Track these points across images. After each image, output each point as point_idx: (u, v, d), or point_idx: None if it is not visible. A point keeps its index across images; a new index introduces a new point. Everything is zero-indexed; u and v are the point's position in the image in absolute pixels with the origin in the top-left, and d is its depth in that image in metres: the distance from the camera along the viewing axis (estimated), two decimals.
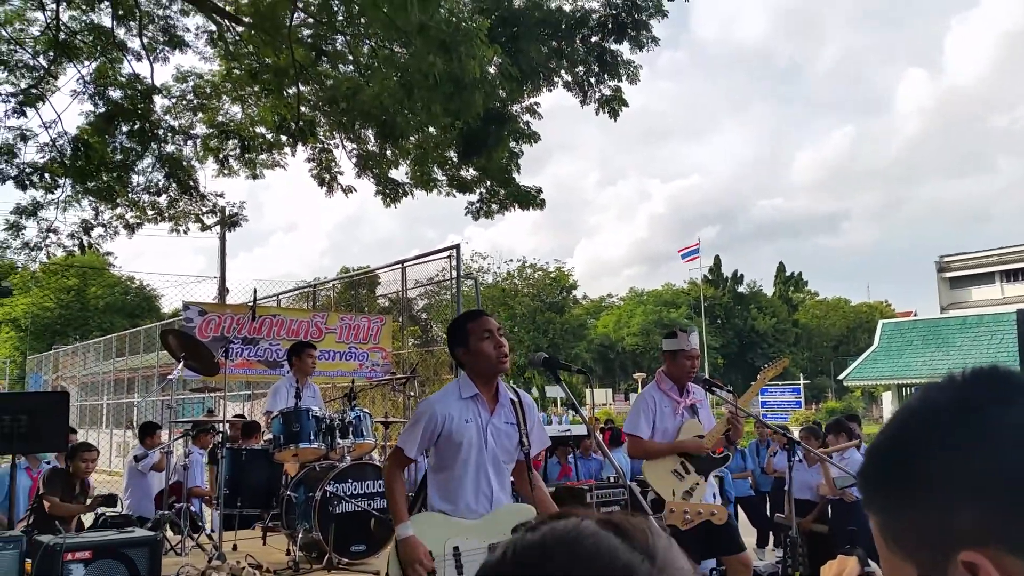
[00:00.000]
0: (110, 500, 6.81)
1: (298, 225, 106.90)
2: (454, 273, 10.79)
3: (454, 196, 10.29)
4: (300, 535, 5.71)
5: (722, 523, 3.70)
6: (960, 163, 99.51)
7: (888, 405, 32.77)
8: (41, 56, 9.46)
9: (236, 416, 9.82)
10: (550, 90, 9.09)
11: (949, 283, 42.96)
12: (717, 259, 61.11)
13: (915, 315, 39.28)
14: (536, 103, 9.52)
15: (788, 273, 64.72)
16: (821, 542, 6.43)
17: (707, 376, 5.02)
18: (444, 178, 10.25)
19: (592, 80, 8.86)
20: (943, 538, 0.71)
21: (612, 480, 7.84)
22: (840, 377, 35.31)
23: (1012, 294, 39.68)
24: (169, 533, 6.60)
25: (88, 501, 6.87)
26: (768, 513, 9.14)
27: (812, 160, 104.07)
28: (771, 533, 9.18)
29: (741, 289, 60.11)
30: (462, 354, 3.47)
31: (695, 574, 0.74)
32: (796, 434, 7.16)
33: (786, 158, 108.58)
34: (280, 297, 14.17)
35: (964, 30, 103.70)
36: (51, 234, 10.34)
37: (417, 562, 3.18)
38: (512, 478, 3.66)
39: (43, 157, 9.66)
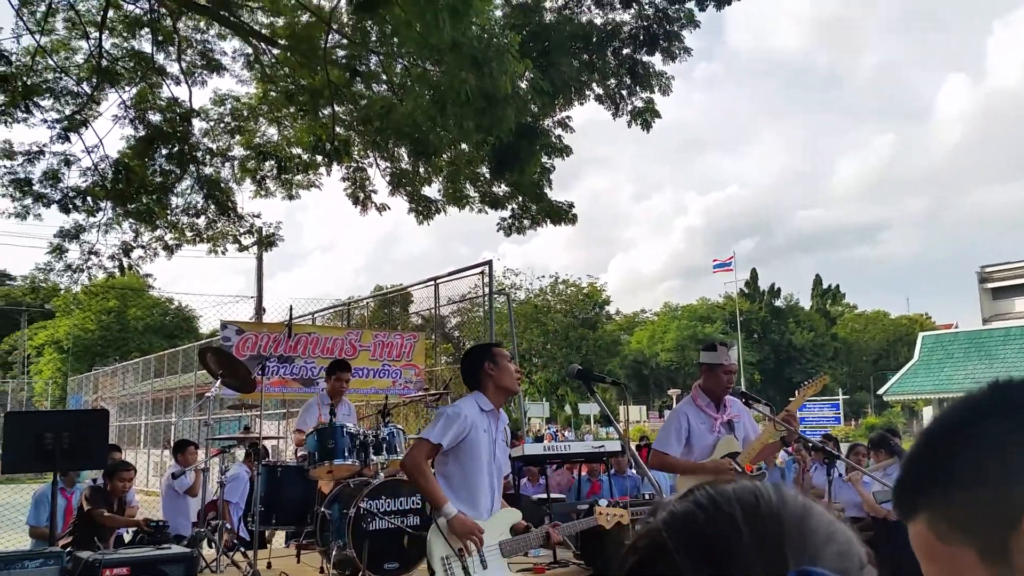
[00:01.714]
0: (159, 531, 6.73)
1: (335, 244, 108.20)
2: (486, 290, 10.80)
3: (486, 212, 10.31)
4: (334, 552, 5.70)
5: None
6: (1004, 169, 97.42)
7: (929, 420, 32.04)
8: (84, 83, 9.71)
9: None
10: (582, 104, 9.08)
11: (991, 294, 41.92)
12: (754, 272, 60.58)
13: (956, 327, 38.41)
14: (568, 117, 9.52)
15: (825, 286, 63.83)
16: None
17: (744, 390, 4.93)
18: (476, 194, 10.27)
19: (624, 92, 8.85)
20: (1006, 510, 0.72)
21: (650, 497, 7.72)
22: (880, 392, 34.61)
23: None
24: (206, 550, 6.63)
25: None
26: None
27: (852, 169, 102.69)
28: None
29: (778, 303, 59.39)
30: (489, 368, 3.85)
31: None
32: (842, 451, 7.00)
33: (825, 168, 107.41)
34: (315, 315, 14.30)
35: (1007, 33, 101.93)
36: (92, 256, 10.56)
37: (472, 532, 3.53)
38: None
39: (85, 181, 9.90)
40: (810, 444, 7.20)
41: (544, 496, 8.15)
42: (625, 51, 8.67)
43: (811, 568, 0.57)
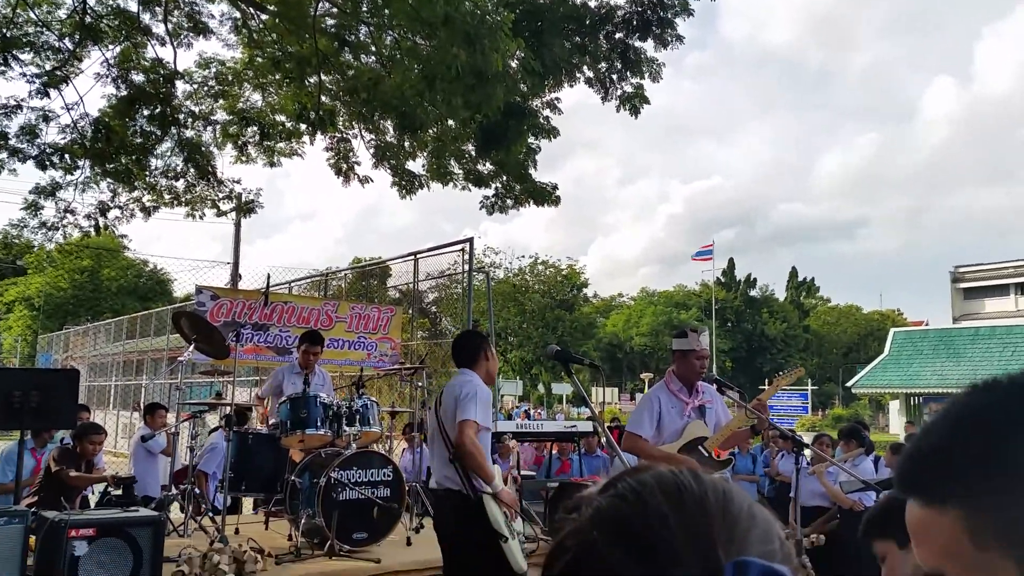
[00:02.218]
0: (127, 484, 6.75)
1: (316, 213, 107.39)
2: (466, 267, 10.79)
3: (470, 190, 10.28)
4: (303, 521, 5.73)
5: None
6: (986, 173, 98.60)
7: (895, 414, 32.55)
8: (67, 38, 9.52)
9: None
10: (571, 86, 9.06)
11: (963, 294, 42.60)
12: (731, 262, 60.92)
13: (927, 324, 39.01)
14: (557, 98, 9.50)
15: (801, 278, 64.42)
16: (834, 550, 6.23)
17: (717, 376, 4.96)
18: (460, 171, 10.23)
19: (614, 77, 8.83)
20: None
21: None
22: (848, 384, 35.13)
23: None
24: (174, 514, 6.62)
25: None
26: None
27: (835, 166, 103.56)
28: None
29: (753, 293, 59.87)
30: (487, 354, 4.46)
31: None
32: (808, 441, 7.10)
33: (809, 163, 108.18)
34: (292, 285, 14.22)
35: (995, 39, 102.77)
36: (68, 214, 10.41)
37: (514, 501, 4.32)
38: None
39: (64, 138, 9.74)
40: (779, 432, 7.30)
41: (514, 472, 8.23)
42: (617, 35, 8.64)
43: (746, 559, 0.56)
